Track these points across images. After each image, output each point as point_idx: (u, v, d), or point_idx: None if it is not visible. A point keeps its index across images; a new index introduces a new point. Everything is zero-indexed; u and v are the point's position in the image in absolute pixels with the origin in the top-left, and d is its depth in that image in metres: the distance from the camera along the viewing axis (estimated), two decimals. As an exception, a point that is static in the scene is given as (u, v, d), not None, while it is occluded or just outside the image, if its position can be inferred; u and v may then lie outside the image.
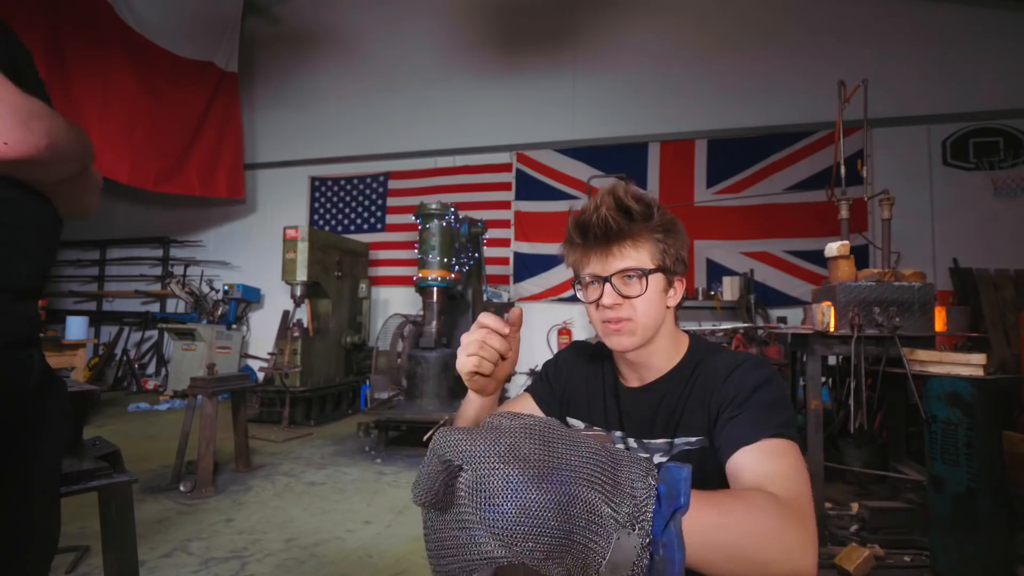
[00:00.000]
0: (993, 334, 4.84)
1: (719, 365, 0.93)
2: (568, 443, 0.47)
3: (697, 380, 0.94)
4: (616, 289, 0.91)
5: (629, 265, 0.91)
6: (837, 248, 2.90)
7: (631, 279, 0.91)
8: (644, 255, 0.91)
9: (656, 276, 0.92)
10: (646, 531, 0.45)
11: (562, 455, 0.45)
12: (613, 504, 0.45)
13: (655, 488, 0.47)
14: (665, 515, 0.46)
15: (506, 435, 0.46)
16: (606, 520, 0.44)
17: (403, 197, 7.16)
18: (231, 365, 6.78)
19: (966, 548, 2.16)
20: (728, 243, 6.11)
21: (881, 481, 3.17)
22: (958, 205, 5.55)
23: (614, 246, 0.91)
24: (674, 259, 0.94)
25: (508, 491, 0.43)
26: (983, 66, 5.53)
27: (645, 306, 0.92)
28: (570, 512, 0.43)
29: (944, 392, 2.28)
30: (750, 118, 6.16)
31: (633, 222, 0.90)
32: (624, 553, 0.44)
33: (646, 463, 0.48)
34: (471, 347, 0.85)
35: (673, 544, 0.45)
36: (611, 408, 1.03)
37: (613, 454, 0.48)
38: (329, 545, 2.63)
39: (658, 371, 0.99)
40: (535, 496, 0.43)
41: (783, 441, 0.79)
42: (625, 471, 0.47)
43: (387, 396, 5.11)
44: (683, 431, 0.94)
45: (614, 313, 0.92)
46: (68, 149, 0.88)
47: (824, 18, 6.02)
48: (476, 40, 7.07)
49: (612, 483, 0.46)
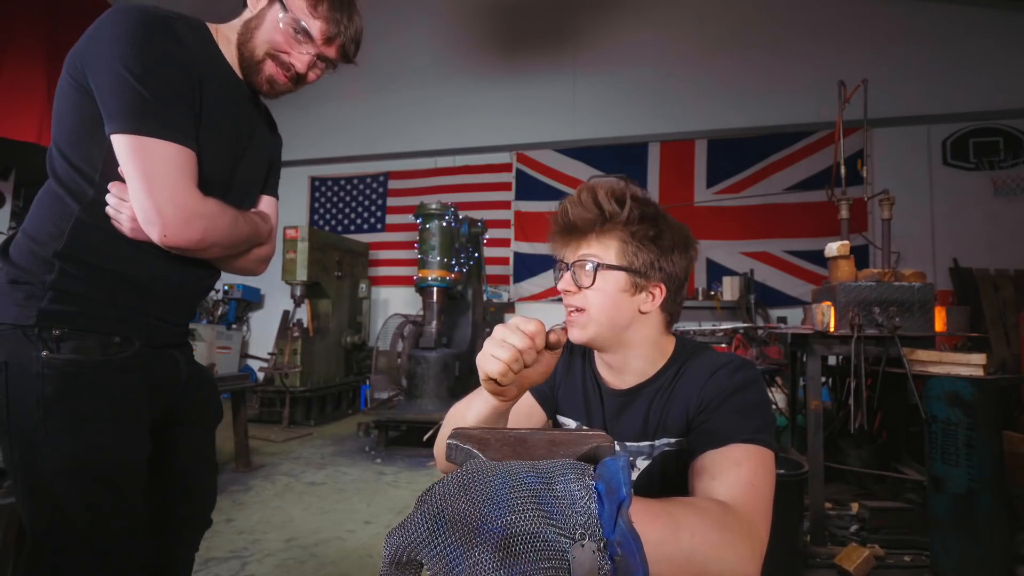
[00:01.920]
0: (993, 334, 4.84)
1: (701, 366, 0.93)
2: (488, 479, 0.44)
3: (679, 382, 0.95)
4: (574, 276, 0.93)
5: (586, 254, 0.93)
6: (837, 248, 2.90)
7: (587, 268, 0.92)
8: (609, 252, 0.92)
9: (614, 273, 0.92)
10: (598, 536, 0.43)
11: (485, 495, 0.43)
12: (555, 522, 0.42)
13: (594, 488, 0.44)
14: (611, 513, 0.44)
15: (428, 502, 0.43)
16: (554, 542, 0.42)
17: (403, 197, 7.16)
18: (231, 365, 6.76)
19: (966, 548, 2.16)
20: (728, 243, 6.11)
21: (881, 481, 3.16)
22: (958, 205, 5.55)
23: (584, 238, 0.94)
24: (647, 264, 0.93)
25: (451, 563, 0.41)
26: (983, 66, 5.53)
27: (599, 300, 0.92)
28: (514, 552, 0.41)
29: (944, 392, 2.28)
30: (750, 118, 6.16)
31: (604, 219, 0.92)
32: (585, 567, 0.42)
33: (578, 466, 0.46)
34: (503, 352, 0.71)
35: (628, 539, 0.43)
36: (596, 409, 1.04)
37: (543, 470, 0.46)
38: (329, 545, 2.63)
39: (640, 375, 0.98)
40: (475, 555, 0.40)
41: (751, 447, 0.79)
42: (560, 482, 0.45)
43: (387, 396, 5.11)
44: (663, 433, 0.94)
45: (567, 300, 0.95)
46: (223, 242, 1.10)
47: (824, 18, 6.02)
48: (476, 40, 7.07)
49: (548, 499, 0.43)
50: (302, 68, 1.13)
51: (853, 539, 2.51)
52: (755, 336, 4.63)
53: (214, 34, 1.14)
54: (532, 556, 0.41)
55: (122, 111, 0.96)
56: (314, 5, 1.09)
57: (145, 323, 1.12)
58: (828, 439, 3.22)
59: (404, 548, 0.42)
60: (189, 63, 1.04)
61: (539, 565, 0.41)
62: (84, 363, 1.01)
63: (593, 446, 0.57)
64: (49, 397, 0.98)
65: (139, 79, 0.96)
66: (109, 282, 1.06)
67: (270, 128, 1.33)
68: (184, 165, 1.01)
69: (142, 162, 0.97)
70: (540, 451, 0.57)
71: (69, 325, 1.01)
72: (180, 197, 0.99)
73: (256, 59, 1.12)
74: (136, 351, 1.09)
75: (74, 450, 0.99)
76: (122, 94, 0.96)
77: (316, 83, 1.21)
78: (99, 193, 1.02)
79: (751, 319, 5.20)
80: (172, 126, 1.00)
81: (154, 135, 0.98)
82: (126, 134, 0.96)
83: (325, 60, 1.16)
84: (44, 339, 0.99)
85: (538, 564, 0.41)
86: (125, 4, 1.03)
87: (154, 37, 0.99)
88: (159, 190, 0.97)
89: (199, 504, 1.32)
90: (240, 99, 1.17)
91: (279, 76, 1.13)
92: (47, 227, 1.03)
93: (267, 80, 1.14)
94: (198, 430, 1.32)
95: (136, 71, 0.96)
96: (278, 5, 1.08)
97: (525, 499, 0.43)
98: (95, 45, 0.99)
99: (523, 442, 0.58)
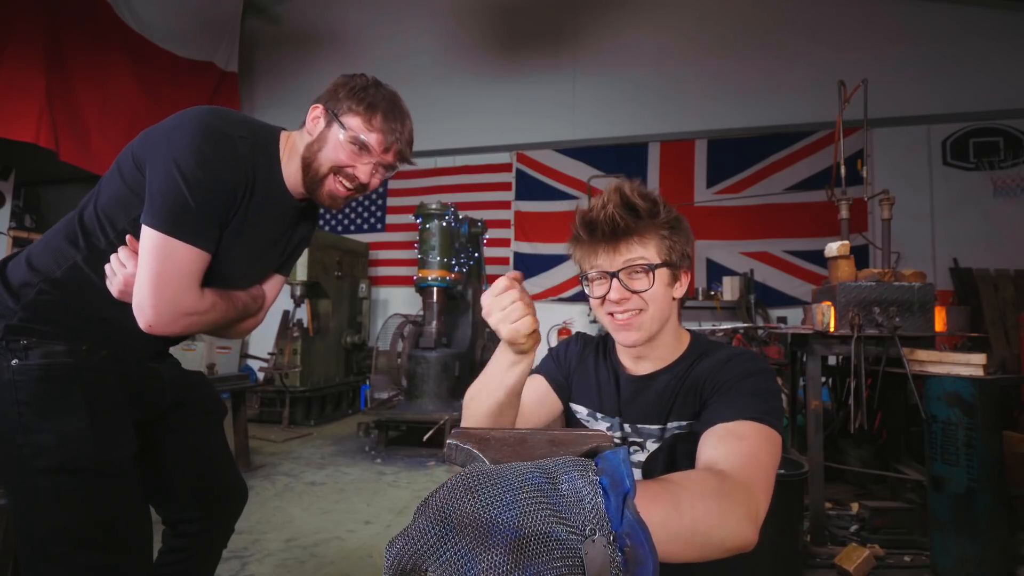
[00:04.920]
0: (993, 334, 4.84)
1: (716, 356, 0.97)
2: (495, 480, 0.44)
3: (694, 370, 0.98)
4: (623, 284, 0.93)
5: (636, 260, 0.93)
6: (837, 248, 2.90)
7: (638, 274, 0.93)
8: (651, 250, 0.94)
9: (662, 271, 0.94)
10: (607, 530, 0.43)
11: (493, 497, 0.43)
12: (565, 520, 0.42)
13: (598, 483, 0.45)
14: (617, 506, 0.44)
15: (433, 508, 0.43)
16: (566, 540, 0.42)
17: (403, 197, 7.16)
18: (231, 365, 6.77)
19: (966, 548, 2.16)
20: (728, 243, 6.11)
21: (881, 481, 3.17)
22: (958, 205, 5.55)
23: (621, 242, 0.93)
24: (680, 254, 0.96)
25: (464, 568, 0.40)
26: (983, 66, 5.53)
27: (655, 300, 0.94)
28: (527, 552, 0.40)
29: (944, 392, 2.28)
30: (750, 118, 6.15)
31: (639, 219, 0.92)
32: (597, 563, 0.42)
33: (580, 462, 0.46)
34: (518, 309, 0.79)
35: (636, 531, 0.43)
36: (611, 395, 1.06)
37: (547, 468, 0.46)
38: (329, 545, 2.63)
39: (661, 362, 1.02)
40: (489, 558, 0.40)
41: (758, 424, 0.80)
42: (565, 480, 0.45)
43: (387, 396, 5.11)
44: (675, 416, 0.97)
45: (621, 308, 0.94)
46: (203, 331, 1.17)
47: (824, 18, 6.02)
48: (476, 40, 7.06)
49: (555, 497, 0.43)
50: (365, 179, 1.19)
51: (853, 539, 2.51)
52: (755, 336, 4.62)
53: (282, 143, 1.21)
54: (546, 556, 0.41)
55: (163, 209, 1.03)
56: (369, 120, 1.15)
57: (114, 341, 1.17)
58: (828, 439, 3.22)
59: (408, 557, 0.42)
60: (240, 178, 1.11)
61: (553, 564, 0.41)
62: (54, 366, 1.07)
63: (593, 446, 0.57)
64: (23, 400, 1.03)
65: (188, 185, 1.03)
66: (83, 316, 1.13)
67: (311, 221, 1.39)
68: (196, 269, 1.08)
69: (161, 261, 1.03)
70: (540, 451, 0.57)
71: (37, 337, 1.07)
72: (180, 298, 1.06)
73: (321, 175, 1.18)
74: (107, 355, 1.14)
75: (53, 444, 1.03)
76: (168, 193, 1.03)
77: (315, 83, 1.24)
78: (109, 248, 1.10)
79: (751, 319, 5.20)
80: (201, 234, 1.06)
81: (181, 239, 1.04)
82: (158, 231, 1.03)
83: (385, 167, 1.22)
84: (12, 349, 1.05)
85: (552, 563, 0.41)
86: (205, 108, 1.11)
87: (215, 148, 1.06)
88: (163, 290, 1.04)
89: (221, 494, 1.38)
90: (285, 209, 1.25)
91: (339, 191, 1.19)
92: (49, 257, 1.12)
93: (328, 195, 1.20)
94: (202, 427, 1.36)
95: (188, 176, 1.03)
96: (336, 126, 1.15)
97: (535, 499, 0.43)
98: (162, 139, 1.07)
99: (523, 442, 0.58)
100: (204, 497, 1.34)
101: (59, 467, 1.03)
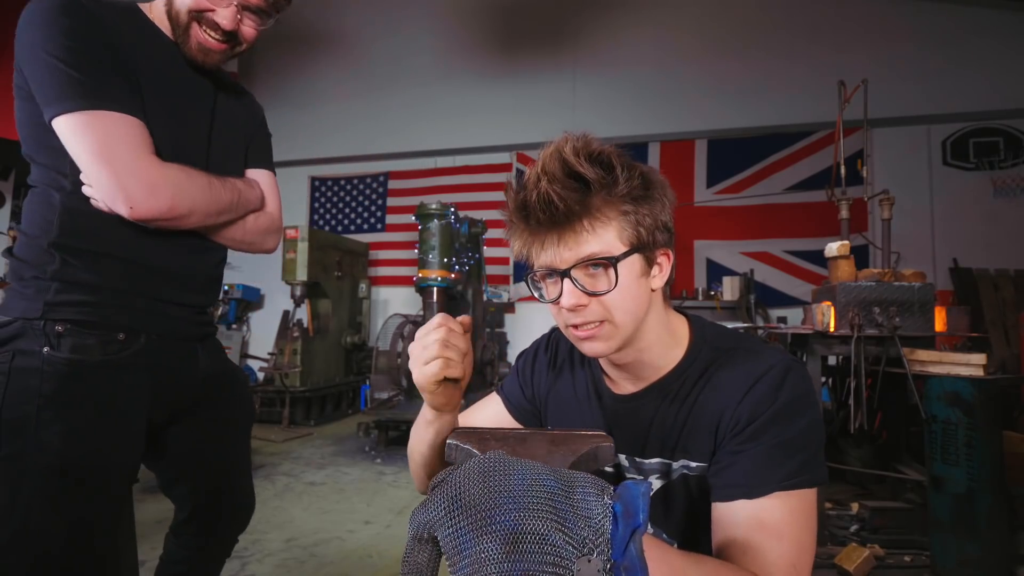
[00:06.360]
0: (993, 334, 4.84)
1: (735, 375, 0.73)
2: (508, 473, 0.44)
3: (705, 390, 0.75)
4: (578, 285, 0.71)
5: (591, 253, 0.70)
6: (837, 248, 2.90)
7: (596, 270, 0.71)
8: (610, 234, 0.70)
9: (630, 260, 0.71)
10: (607, 555, 0.42)
11: (503, 488, 0.43)
12: (567, 530, 0.42)
13: (611, 507, 0.43)
14: (624, 537, 0.43)
15: (448, 485, 0.44)
16: (561, 548, 0.41)
17: (403, 197, 7.15)
18: (231, 365, 6.76)
19: (966, 548, 2.16)
20: (728, 243, 6.11)
21: (881, 481, 3.16)
22: (958, 205, 5.55)
23: (567, 230, 0.69)
24: (651, 228, 0.72)
25: (460, 546, 0.41)
26: (983, 66, 5.53)
27: (621, 301, 0.71)
28: (520, 549, 0.41)
29: (944, 392, 2.28)
30: (750, 118, 6.15)
31: (590, 193, 0.69)
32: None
33: (599, 483, 0.45)
34: (432, 348, 0.66)
35: (635, 567, 0.42)
36: (594, 418, 0.86)
37: (564, 477, 0.45)
38: (329, 545, 2.63)
39: (656, 370, 0.80)
40: (483, 543, 0.41)
41: (790, 497, 0.65)
42: (579, 493, 0.44)
43: (387, 396, 5.11)
44: (683, 453, 0.77)
45: (580, 317, 0.72)
46: (200, 208, 1.05)
47: (824, 18, 6.01)
48: (476, 40, 7.06)
49: (564, 507, 0.43)
50: (228, 24, 1.05)
51: (853, 539, 2.50)
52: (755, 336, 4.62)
53: (147, 12, 1.10)
54: (537, 557, 0.41)
55: (55, 94, 0.93)
56: None
57: (157, 310, 1.09)
58: (828, 439, 3.22)
59: (425, 525, 0.44)
60: (114, 40, 1.00)
61: (543, 568, 0.41)
62: (82, 363, 1.00)
63: (593, 446, 0.57)
64: (45, 395, 0.97)
65: (64, 60, 0.93)
66: (111, 268, 1.04)
67: (237, 96, 1.28)
68: (133, 134, 0.97)
69: (87, 138, 0.93)
70: (540, 450, 0.57)
71: (75, 317, 1.00)
72: (136, 166, 0.95)
73: (182, 24, 1.06)
74: (142, 347, 1.07)
75: (60, 450, 0.97)
76: (51, 78, 0.93)
77: (315, 83, 1.21)
78: (74, 183, 1.01)
79: (751, 319, 5.20)
80: (110, 98, 0.96)
81: (93, 108, 0.93)
82: (64, 115, 0.93)
83: (253, 11, 1.08)
84: (48, 333, 0.98)
85: (542, 566, 0.41)
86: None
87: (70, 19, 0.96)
88: (112, 163, 0.93)
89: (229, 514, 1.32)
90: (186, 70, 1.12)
91: (208, 41, 1.07)
92: (37, 220, 1.03)
93: (198, 48, 1.08)
94: (227, 428, 1.29)
95: (58, 54, 0.93)
96: None
97: (541, 500, 0.43)
98: (18, 44, 0.96)
99: (523, 442, 0.58)
100: (210, 515, 1.28)
101: (60, 471, 0.98)
